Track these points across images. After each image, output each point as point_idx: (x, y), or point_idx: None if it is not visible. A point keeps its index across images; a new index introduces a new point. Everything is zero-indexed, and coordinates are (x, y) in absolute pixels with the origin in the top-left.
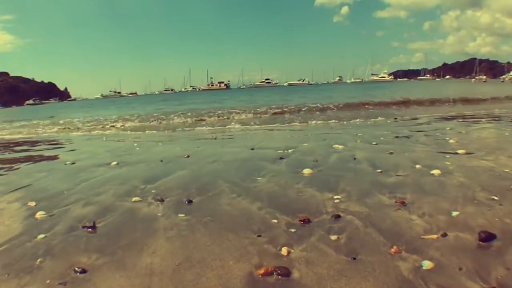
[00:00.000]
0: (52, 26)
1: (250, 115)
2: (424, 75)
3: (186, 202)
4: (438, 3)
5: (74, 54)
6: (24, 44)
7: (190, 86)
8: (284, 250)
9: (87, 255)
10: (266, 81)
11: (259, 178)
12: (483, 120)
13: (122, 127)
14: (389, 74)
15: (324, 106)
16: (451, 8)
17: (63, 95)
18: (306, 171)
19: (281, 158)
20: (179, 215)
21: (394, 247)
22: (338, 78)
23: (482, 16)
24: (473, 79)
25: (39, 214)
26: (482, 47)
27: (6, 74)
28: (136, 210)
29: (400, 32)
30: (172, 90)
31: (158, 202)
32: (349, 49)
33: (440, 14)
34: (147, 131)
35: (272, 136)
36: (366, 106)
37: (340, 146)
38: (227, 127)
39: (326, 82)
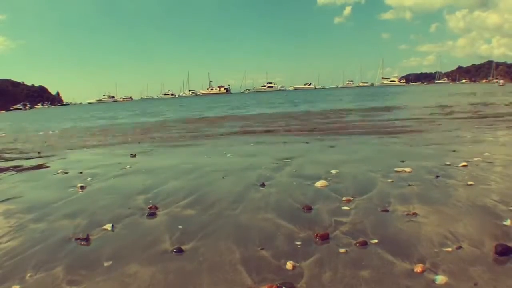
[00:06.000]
0: (45, 28)
1: None
2: (439, 79)
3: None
4: (449, 3)
5: (68, 56)
6: (15, 46)
7: (189, 91)
8: (289, 265)
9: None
10: (268, 85)
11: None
12: None
13: None
14: (401, 78)
15: None
16: (459, 9)
17: (55, 100)
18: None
19: None
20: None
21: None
22: (347, 82)
23: (493, 17)
24: (501, 81)
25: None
26: (495, 49)
27: None
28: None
29: (406, 34)
30: (172, 94)
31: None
32: (356, 52)
33: (449, 13)
34: None
35: None
36: None
37: None
38: None
39: (335, 86)
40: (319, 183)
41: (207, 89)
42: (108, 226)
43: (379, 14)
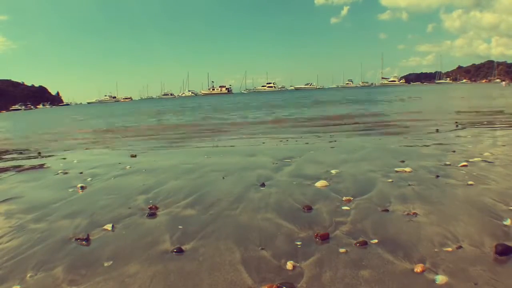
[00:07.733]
0: (46, 28)
1: None
2: (440, 78)
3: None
4: (445, 3)
5: (68, 56)
6: (16, 47)
7: (189, 91)
8: (289, 265)
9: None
10: (268, 85)
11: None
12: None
13: None
14: (401, 78)
15: None
16: (454, 9)
17: (55, 100)
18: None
19: None
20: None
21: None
22: (347, 82)
23: (489, 17)
24: (503, 83)
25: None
26: (493, 49)
27: None
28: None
29: (404, 34)
30: (171, 94)
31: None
32: (355, 53)
33: (445, 13)
34: None
35: None
36: None
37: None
38: None
39: (335, 86)
40: (319, 183)
41: (208, 89)
42: (108, 226)
43: (376, 14)
